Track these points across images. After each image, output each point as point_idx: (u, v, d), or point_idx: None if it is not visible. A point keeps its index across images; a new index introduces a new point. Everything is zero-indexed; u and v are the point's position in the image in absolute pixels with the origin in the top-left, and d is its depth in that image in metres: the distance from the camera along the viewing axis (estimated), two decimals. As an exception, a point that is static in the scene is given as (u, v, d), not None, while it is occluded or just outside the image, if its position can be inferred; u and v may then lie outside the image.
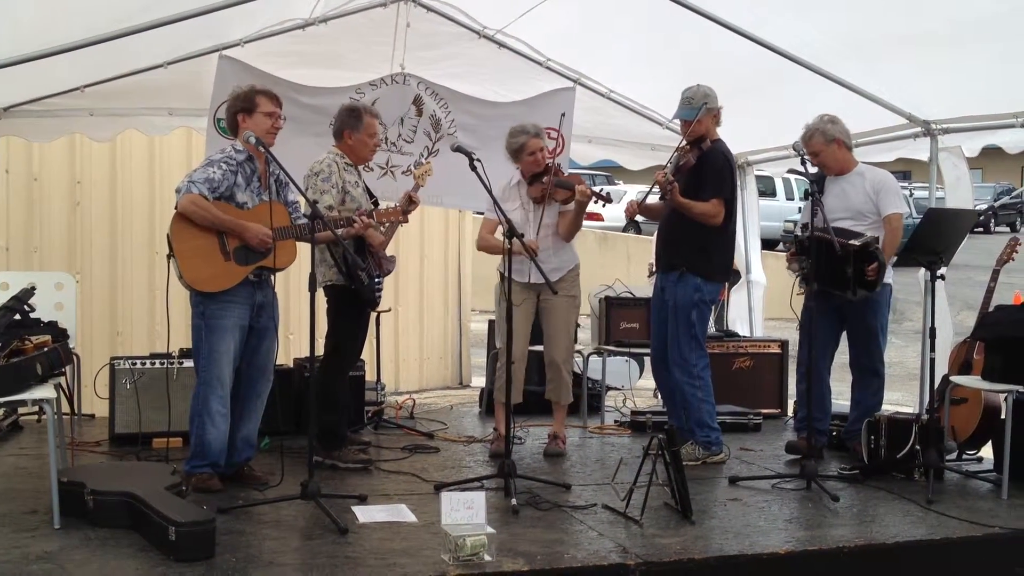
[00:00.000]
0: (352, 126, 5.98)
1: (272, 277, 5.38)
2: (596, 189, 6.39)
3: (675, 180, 5.94)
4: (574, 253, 6.49)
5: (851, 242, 5.88)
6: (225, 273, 5.17)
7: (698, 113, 6.04)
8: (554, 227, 6.35)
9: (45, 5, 5.28)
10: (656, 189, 6.02)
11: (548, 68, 7.83)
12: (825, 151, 6.23)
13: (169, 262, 5.18)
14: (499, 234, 6.05)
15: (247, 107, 5.29)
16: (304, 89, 7.27)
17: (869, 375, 6.38)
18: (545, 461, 6.31)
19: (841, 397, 6.59)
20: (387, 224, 5.97)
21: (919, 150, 7.32)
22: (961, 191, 7.09)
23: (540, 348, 6.56)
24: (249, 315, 5.30)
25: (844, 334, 6.42)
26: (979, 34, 5.88)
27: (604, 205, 6.36)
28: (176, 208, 5.12)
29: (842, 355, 6.47)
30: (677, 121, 6.33)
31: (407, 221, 6.11)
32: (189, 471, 5.24)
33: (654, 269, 6.60)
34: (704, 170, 6.10)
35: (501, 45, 7.55)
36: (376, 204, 6.10)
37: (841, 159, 6.30)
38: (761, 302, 9.18)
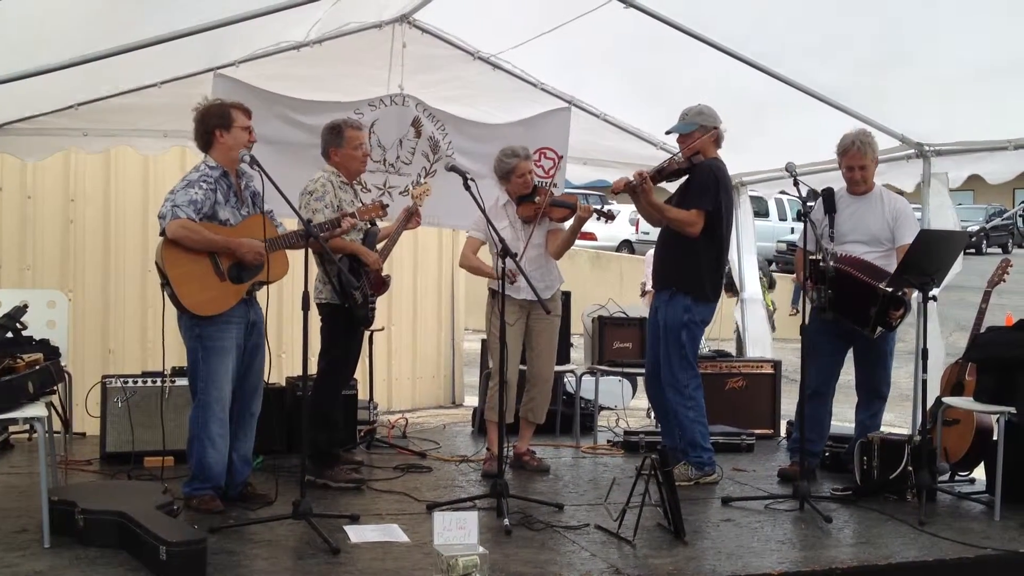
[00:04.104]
0: (335, 143, 6.00)
1: (256, 294, 5.36)
2: (597, 207, 6.45)
3: (651, 180, 5.97)
4: (559, 273, 6.58)
5: (882, 286, 5.86)
6: (224, 294, 5.14)
7: (689, 128, 6.08)
8: (543, 245, 6.43)
9: (39, 22, 5.29)
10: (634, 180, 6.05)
11: (543, 90, 7.90)
12: (871, 167, 6.23)
13: (164, 291, 5.10)
14: (484, 253, 6.32)
15: (223, 122, 5.20)
16: (301, 106, 7.26)
17: (874, 397, 6.37)
18: (537, 481, 6.29)
19: (835, 418, 6.58)
20: (385, 239, 6.07)
21: (903, 177, 7.38)
22: (943, 219, 7.13)
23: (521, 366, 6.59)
24: (243, 334, 5.29)
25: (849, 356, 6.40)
26: (976, 61, 5.93)
27: (607, 221, 6.47)
28: (163, 235, 5.04)
29: (845, 375, 6.47)
30: (671, 143, 6.37)
31: (419, 222, 6.20)
32: (190, 493, 5.22)
33: (646, 288, 6.62)
34: (690, 182, 6.14)
35: (496, 67, 7.60)
36: (373, 223, 6.13)
37: (873, 178, 6.32)
38: (762, 321, 9.17)
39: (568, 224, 6.43)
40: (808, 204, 5.87)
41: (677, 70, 7.01)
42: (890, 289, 5.85)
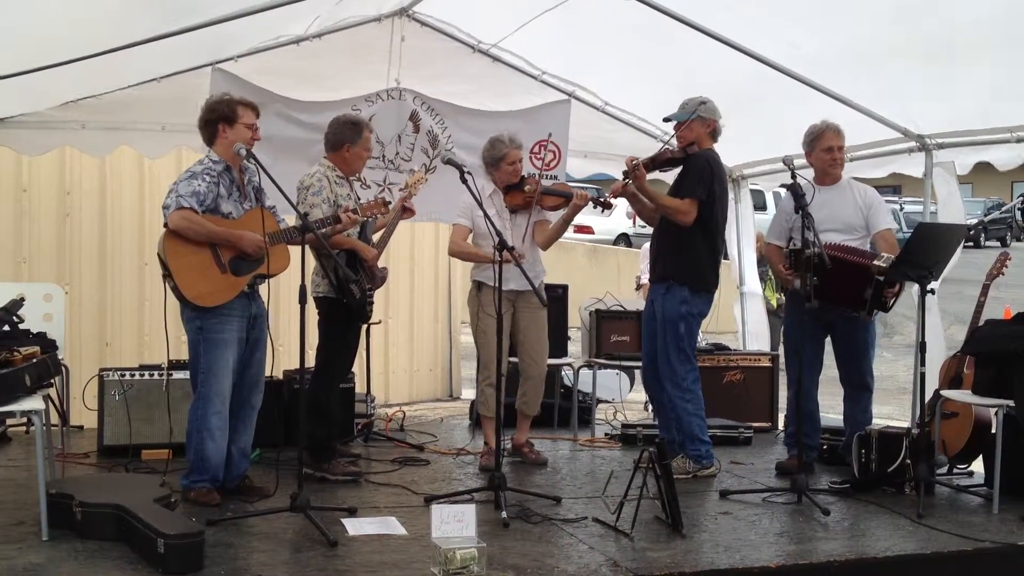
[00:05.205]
0: (351, 139, 5.99)
1: (259, 288, 5.38)
2: (594, 196, 6.42)
3: (644, 167, 5.97)
4: (543, 265, 6.57)
5: (876, 263, 5.86)
6: (224, 286, 5.15)
7: (688, 117, 6.07)
8: (530, 236, 6.40)
9: (42, 18, 5.28)
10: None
11: (543, 82, 7.90)
12: (843, 149, 6.24)
13: (165, 282, 5.12)
14: (470, 239, 6.31)
15: (228, 117, 5.24)
16: (299, 105, 7.25)
17: (861, 389, 6.38)
18: (535, 474, 6.29)
19: (831, 411, 6.58)
20: (381, 229, 6.08)
21: (911, 165, 7.34)
22: (953, 207, 7.11)
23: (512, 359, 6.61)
24: (245, 327, 5.29)
25: (829, 348, 6.40)
26: (975, 47, 5.91)
27: (604, 211, 6.44)
28: (166, 225, 5.07)
29: (828, 369, 6.46)
30: (672, 134, 6.35)
31: (413, 212, 6.19)
32: (188, 485, 5.23)
33: (641, 281, 6.60)
34: (685, 172, 6.13)
35: (495, 59, 7.58)
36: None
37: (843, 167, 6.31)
38: (761, 314, 9.17)
39: (560, 213, 6.41)
40: (803, 198, 5.85)
41: (676, 60, 6.98)
42: (882, 264, 5.84)
